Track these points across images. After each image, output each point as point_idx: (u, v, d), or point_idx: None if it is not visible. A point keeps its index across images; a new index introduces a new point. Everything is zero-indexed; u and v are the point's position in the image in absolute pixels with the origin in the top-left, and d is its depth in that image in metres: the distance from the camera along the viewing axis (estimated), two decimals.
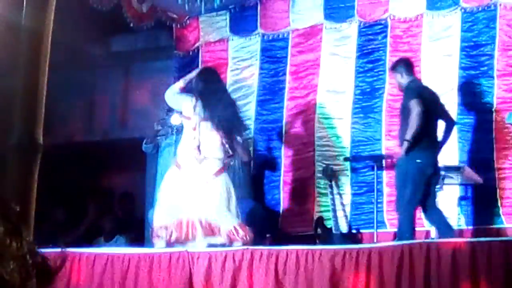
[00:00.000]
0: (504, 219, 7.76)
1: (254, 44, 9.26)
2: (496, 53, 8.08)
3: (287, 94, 8.96)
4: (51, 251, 1.78)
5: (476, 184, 7.69)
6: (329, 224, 8.11)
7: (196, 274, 6.05)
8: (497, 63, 8.06)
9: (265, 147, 9.01)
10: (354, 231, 8.21)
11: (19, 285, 1.48)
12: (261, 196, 8.75)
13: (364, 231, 8.13)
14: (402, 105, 7.35)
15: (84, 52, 9.59)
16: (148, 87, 9.89)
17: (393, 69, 7.61)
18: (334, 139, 8.65)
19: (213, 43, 9.47)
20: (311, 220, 8.39)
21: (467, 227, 7.80)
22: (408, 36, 8.51)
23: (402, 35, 8.54)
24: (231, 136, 6.99)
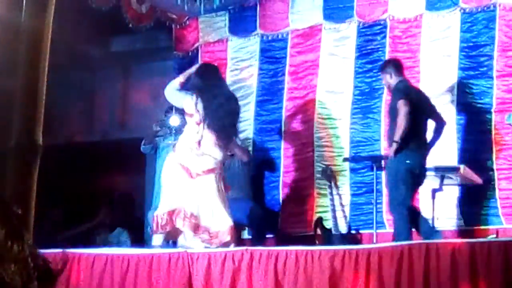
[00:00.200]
0: (503, 219, 7.76)
1: (253, 44, 9.25)
2: (495, 53, 8.07)
3: (286, 95, 8.96)
4: (51, 251, 1.79)
5: (475, 185, 7.68)
6: (328, 224, 8.11)
7: (195, 274, 6.05)
8: (496, 64, 8.05)
9: (264, 147, 9.00)
10: (354, 231, 8.22)
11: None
12: (260, 196, 8.74)
13: (364, 231, 8.14)
14: (390, 106, 7.36)
15: (83, 52, 9.58)
16: (147, 87, 9.88)
17: (382, 69, 7.61)
18: (333, 140, 8.64)
19: (213, 43, 9.47)
20: (310, 220, 8.39)
21: (466, 227, 7.82)
22: (407, 37, 8.51)
23: (401, 36, 8.53)
24: (228, 136, 6.99)
